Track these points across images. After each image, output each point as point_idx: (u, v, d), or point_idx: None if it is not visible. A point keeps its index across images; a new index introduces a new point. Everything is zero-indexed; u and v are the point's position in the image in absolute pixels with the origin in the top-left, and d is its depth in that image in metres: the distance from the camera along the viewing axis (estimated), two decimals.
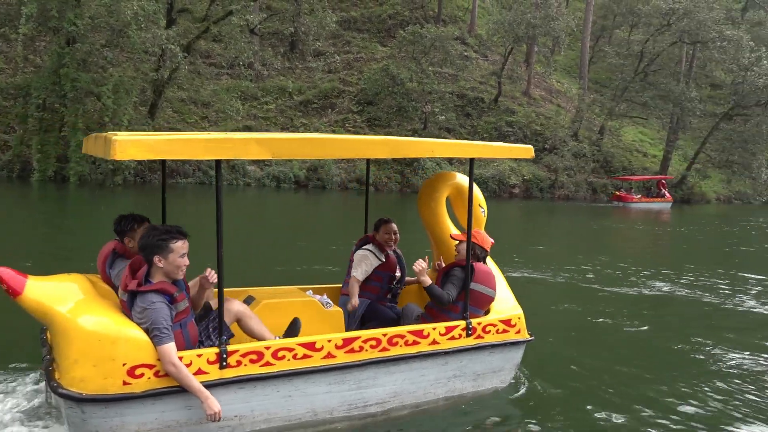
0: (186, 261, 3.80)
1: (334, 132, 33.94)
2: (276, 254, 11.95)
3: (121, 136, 3.32)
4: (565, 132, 36.60)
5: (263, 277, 8.85)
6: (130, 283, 3.71)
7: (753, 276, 12.16)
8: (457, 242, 5.13)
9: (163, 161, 4.80)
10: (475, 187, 5.17)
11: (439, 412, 4.66)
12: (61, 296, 3.72)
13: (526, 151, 5.04)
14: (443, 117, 33.93)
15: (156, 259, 3.70)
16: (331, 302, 4.95)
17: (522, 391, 5.25)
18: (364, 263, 5.30)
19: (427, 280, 4.72)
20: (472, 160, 4.85)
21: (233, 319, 4.19)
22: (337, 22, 36.06)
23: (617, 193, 36.57)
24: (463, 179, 5.46)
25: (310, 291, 5.22)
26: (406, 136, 33.95)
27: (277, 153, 3.77)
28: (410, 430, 4.42)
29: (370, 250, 5.37)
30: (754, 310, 9.25)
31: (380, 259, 5.34)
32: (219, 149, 3.59)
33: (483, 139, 36.51)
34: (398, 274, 5.48)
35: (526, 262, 12.33)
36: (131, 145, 3.30)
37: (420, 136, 34.18)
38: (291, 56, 37.30)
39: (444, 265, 5.30)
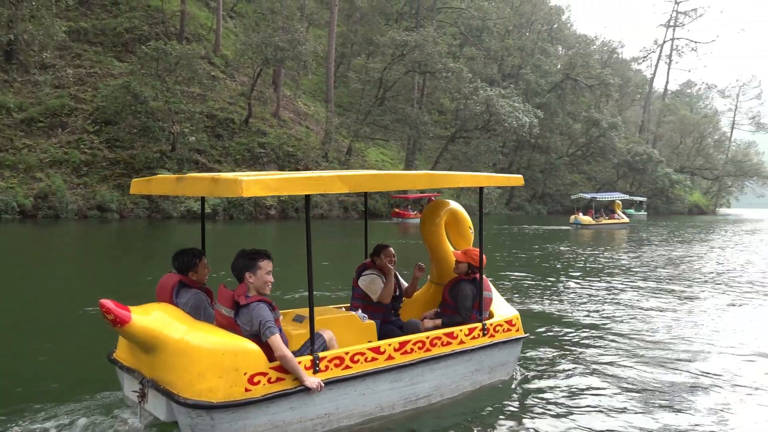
0: (271, 278, 4.43)
1: (66, 154, 30.28)
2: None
3: (246, 177, 3.97)
4: (317, 153, 37.66)
5: None
6: (238, 298, 4.33)
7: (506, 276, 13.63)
8: (456, 260, 5.90)
9: (202, 198, 5.82)
10: (464, 210, 6.48)
11: (466, 401, 5.40)
12: (165, 322, 4.21)
13: (517, 179, 6.04)
14: (194, 138, 32.45)
15: (247, 275, 4.34)
16: (366, 316, 5.54)
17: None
18: (376, 285, 5.79)
19: (438, 323, 5.63)
20: (481, 189, 5.79)
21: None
22: (66, 33, 32.35)
23: (397, 210, 39.44)
24: (455, 206, 6.50)
25: (343, 308, 5.95)
26: (152, 158, 31.74)
27: (354, 187, 4.59)
28: (450, 419, 5.07)
29: (375, 275, 5.85)
30: None
31: (383, 282, 5.84)
32: (313, 186, 4.30)
33: (236, 161, 35.81)
34: (397, 292, 6.00)
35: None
36: (255, 184, 3.95)
37: (168, 158, 32.23)
38: (8, 68, 32.39)
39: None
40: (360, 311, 5.59)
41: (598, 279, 13.98)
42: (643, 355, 7.19)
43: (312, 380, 4.31)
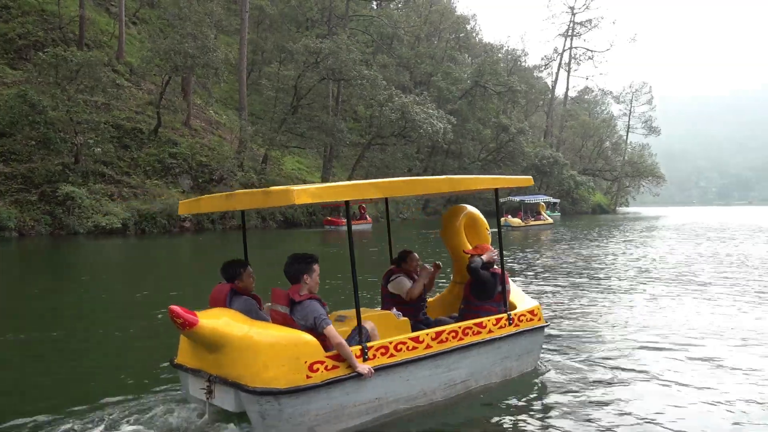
0: (319, 280, 5.02)
1: None
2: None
3: (296, 187, 4.45)
4: (232, 163, 36.61)
5: None
6: (293, 296, 4.85)
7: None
8: (469, 255, 6.34)
9: (243, 212, 6.22)
10: (481, 214, 7.04)
11: (500, 387, 5.88)
12: (228, 322, 4.66)
13: (527, 180, 6.55)
14: (99, 149, 30.69)
15: (304, 277, 4.89)
16: (401, 314, 5.95)
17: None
18: (404, 284, 6.25)
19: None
20: (496, 190, 6.30)
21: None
22: None
23: (329, 218, 39.49)
24: (472, 209, 7.03)
25: (378, 308, 6.44)
26: (54, 171, 29.73)
27: (387, 192, 5.17)
28: (487, 406, 5.53)
29: (402, 276, 6.34)
30: None
31: (410, 281, 6.33)
32: (351, 192, 4.87)
33: (146, 173, 34.21)
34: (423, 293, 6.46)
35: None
36: (303, 192, 4.44)
37: (72, 171, 30.27)
38: None
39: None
40: (395, 309, 6.05)
41: (553, 276, 14.38)
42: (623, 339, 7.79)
43: (363, 367, 4.77)
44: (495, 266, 6.25)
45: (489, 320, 5.87)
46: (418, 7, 65.84)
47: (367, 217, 42.20)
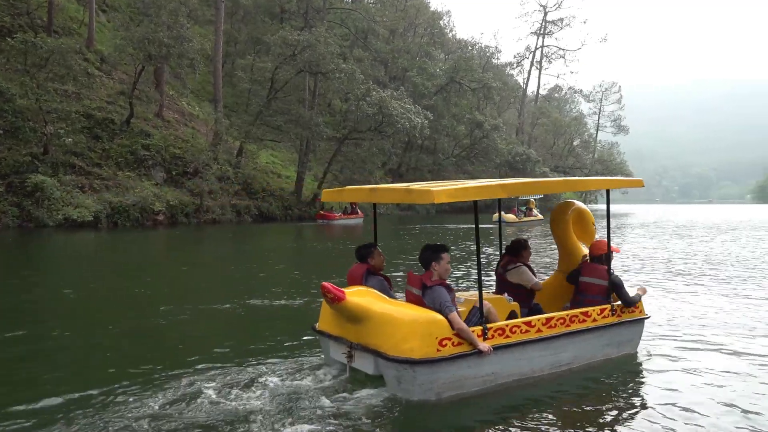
0: (450, 268, 5.76)
1: None
2: None
3: (436, 187, 5.34)
4: (207, 155, 35.89)
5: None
6: (425, 281, 5.57)
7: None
8: (586, 255, 7.17)
9: (375, 204, 7.12)
10: (588, 208, 7.67)
11: (600, 369, 6.44)
12: (370, 300, 5.54)
13: (638, 182, 7.48)
14: (70, 140, 29.72)
15: (433, 264, 5.59)
16: (512, 298, 6.68)
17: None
18: (528, 275, 7.02)
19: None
20: (608, 191, 7.10)
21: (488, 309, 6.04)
22: None
23: (321, 212, 40.32)
24: (580, 205, 7.68)
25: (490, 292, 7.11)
26: (22, 161, 28.70)
27: (512, 192, 5.94)
28: (588, 382, 6.13)
29: (522, 266, 7.11)
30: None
31: (531, 271, 7.16)
32: (481, 193, 5.54)
33: (117, 164, 33.29)
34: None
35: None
36: (442, 192, 5.19)
37: (41, 162, 29.25)
38: None
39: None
40: (506, 294, 6.79)
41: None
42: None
43: (484, 345, 5.50)
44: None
45: (594, 310, 6.51)
46: (394, 1, 65.51)
47: (359, 211, 42.56)
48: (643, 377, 6.47)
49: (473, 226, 38.02)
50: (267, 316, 9.50)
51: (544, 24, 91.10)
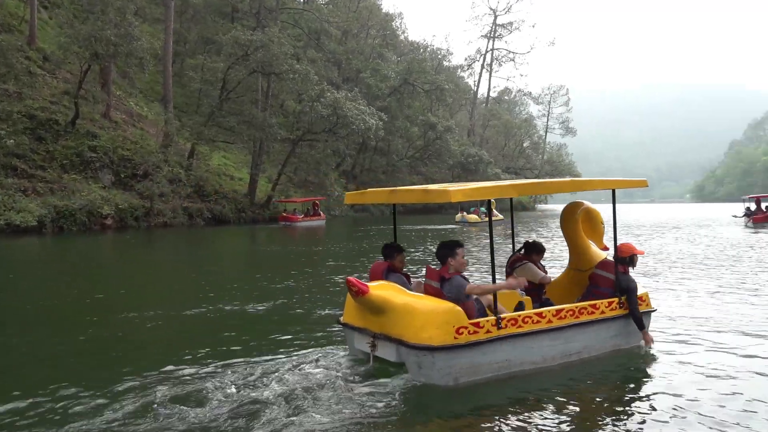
0: (465, 261, 6.18)
1: None
2: None
3: (452, 187, 5.84)
4: (158, 157, 34.96)
5: None
6: (443, 274, 6.04)
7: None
8: (606, 254, 7.55)
9: (394, 205, 7.70)
10: (597, 208, 7.83)
11: (608, 359, 6.70)
12: (391, 293, 5.99)
13: (642, 182, 7.60)
14: (12, 141, 28.49)
15: (449, 259, 6.05)
16: (524, 293, 7.05)
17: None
18: (534, 271, 7.33)
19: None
20: (614, 190, 7.22)
21: (488, 303, 6.39)
22: None
23: (284, 214, 40.27)
24: (589, 205, 7.85)
25: None
26: None
27: (522, 192, 6.47)
28: (597, 371, 6.40)
29: (528, 263, 7.42)
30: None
31: (537, 267, 7.54)
32: (493, 192, 6.01)
33: (62, 166, 32.09)
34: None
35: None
36: (457, 192, 5.69)
37: None
38: None
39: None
40: (519, 289, 6.94)
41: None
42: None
43: (511, 282, 6.17)
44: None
45: (602, 303, 6.79)
46: (347, 2, 65.38)
47: (321, 213, 42.48)
48: (649, 368, 6.65)
49: (428, 226, 38.04)
50: (269, 317, 9.24)
51: (494, 27, 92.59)
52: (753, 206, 40.63)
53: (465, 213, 42.55)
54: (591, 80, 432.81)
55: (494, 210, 48.86)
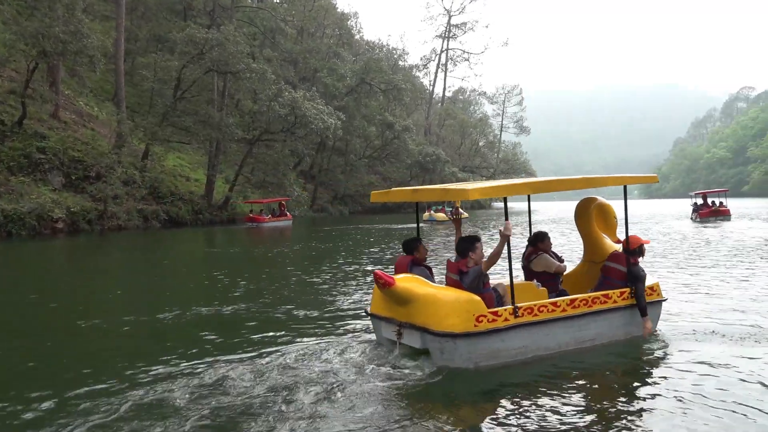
0: (483, 255, 6.63)
1: None
2: None
3: (470, 186, 6.51)
4: (111, 158, 33.90)
5: None
6: (462, 267, 6.56)
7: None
8: (619, 246, 7.70)
9: (417, 203, 8.33)
10: (610, 204, 8.18)
11: (620, 346, 7.07)
12: (415, 284, 6.45)
13: (653, 178, 8.21)
14: None
15: (470, 253, 6.55)
16: (540, 284, 7.34)
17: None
18: (549, 260, 7.68)
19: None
20: (625, 186, 7.62)
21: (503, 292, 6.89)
22: None
23: (251, 215, 39.96)
24: (602, 200, 8.22)
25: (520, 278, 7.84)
26: None
27: (536, 190, 6.89)
28: (609, 356, 6.79)
29: (542, 254, 7.73)
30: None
31: (551, 257, 7.86)
32: (508, 190, 6.53)
33: (9, 169, 30.80)
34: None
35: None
36: (475, 190, 6.26)
37: None
38: None
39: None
40: (535, 281, 7.45)
41: None
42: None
43: (503, 231, 6.33)
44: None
45: (614, 292, 7.13)
46: (302, 0, 64.83)
47: (287, 213, 42.10)
48: (659, 356, 6.93)
49: (393, 226, 38.02)
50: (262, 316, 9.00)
51: (448, 27, 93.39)
52: (700, 201, 42.17)
53: (433, 211, 42.97)
54: (544, 80, 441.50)
55: (460, 208, 49.67)
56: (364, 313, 7.37)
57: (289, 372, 6.16)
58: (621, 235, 7.89)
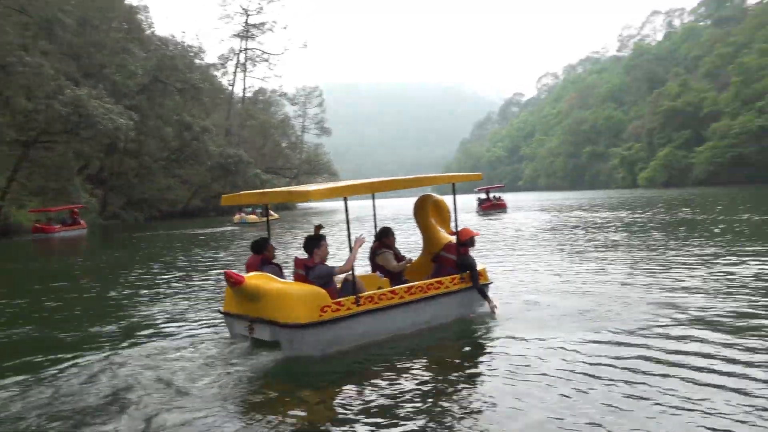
0: (328, 251, 7.33)
1: None
2: None
3: (312, 187, 7.21)
4: None
5: None
6: (308, 263, 7.12)
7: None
8: (454, 238, 8.47)
9: (266, 206, 10.44)
10: (444, 199, 9.02)
11: (455, 325, 8.01)
12: (264, 281, 6.92)
13: (477, 175, 9.31)
14: None
15: (315, 250, 7.14)
16: (383, 275, 8.23)
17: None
18: (391, 260, 8.41)
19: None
20: (453, 184, 8.62)
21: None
22: None
23: (38, 225, 36.40)
24: (437, 197, 9.09)
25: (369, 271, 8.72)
26: None
27: (374, 190, 7.75)
28: (444, 335, 7.72)
29: (386, 251, 8.43)
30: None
31: (393, 256, 8.57)
32: (348, 191, 7.14)
33: None
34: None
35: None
36: (317, 191, 6.82)
37: None
38: None
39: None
40: (378, 272, 8.31)
41: None
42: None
43: (356, 245, 7.12)
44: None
45: (446, 279, 7.94)
46: None
47: (81, 221, 38.69)
48: (487, 331, 7.73)
49: (205, 230, 36.82)
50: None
51: (246, 27, 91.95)
52: (483, 196, 46.97)
53: (244, 214, 42.32)
54: (342, 78, 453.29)
55: (270, 210, 49.39)
56: (218, 313, 7.87)
57: (138, 373, 6.31)
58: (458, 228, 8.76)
